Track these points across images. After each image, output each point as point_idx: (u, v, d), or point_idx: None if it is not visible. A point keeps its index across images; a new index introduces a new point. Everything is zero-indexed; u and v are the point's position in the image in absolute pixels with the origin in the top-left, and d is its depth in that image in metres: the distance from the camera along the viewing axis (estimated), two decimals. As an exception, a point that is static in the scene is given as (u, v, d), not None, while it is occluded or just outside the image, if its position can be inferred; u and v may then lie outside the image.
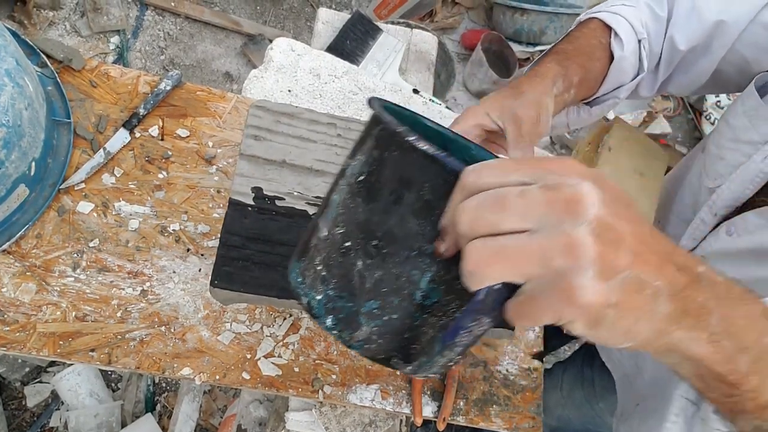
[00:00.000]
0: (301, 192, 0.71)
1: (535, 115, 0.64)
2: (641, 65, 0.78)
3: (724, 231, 0.74)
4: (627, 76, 0.78)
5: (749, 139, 0.72)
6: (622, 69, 0.76)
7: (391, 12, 2.14)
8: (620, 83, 0.78)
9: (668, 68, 0.81)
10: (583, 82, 0.73)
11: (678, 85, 0.84)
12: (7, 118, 0.66)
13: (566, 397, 1.16)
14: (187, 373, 0.73)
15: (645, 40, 0.77)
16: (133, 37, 2.06)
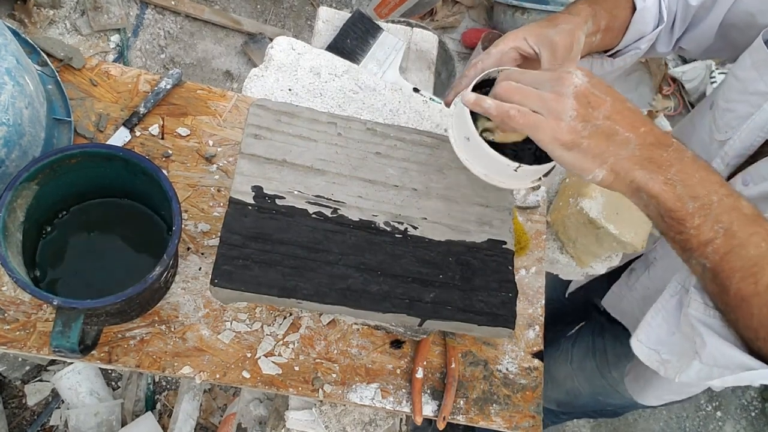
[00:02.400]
0: (302, 191, 0.71)
1: (569, 43, 0.68)
2: (661, 17, 0.81)
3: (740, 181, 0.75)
4: (648, 26, 0.81)
5: (757, 89, 0.73)
6: (643, 19, 0.80)
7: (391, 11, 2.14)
8: (641, 34, 0.81)
9: (682, 25, 0.84)
10: (608, 28, 0.78)
11: (690, 42, 0.86)
12: (8, 117, 0.66)
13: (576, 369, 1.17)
14: (187, 371, 0.73)
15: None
16: (133, 35, 2.06)
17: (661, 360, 0.60)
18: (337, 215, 0.71)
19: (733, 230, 0.51)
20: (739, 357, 0.52)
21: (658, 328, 0.60)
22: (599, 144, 0.53)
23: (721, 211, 0.51)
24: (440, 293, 0.69)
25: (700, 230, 0.51)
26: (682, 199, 0.51)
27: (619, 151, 0.52)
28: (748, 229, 0.51)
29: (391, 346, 0.80)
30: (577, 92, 0.53)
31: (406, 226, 0.72)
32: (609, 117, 0.53)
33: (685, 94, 2.51)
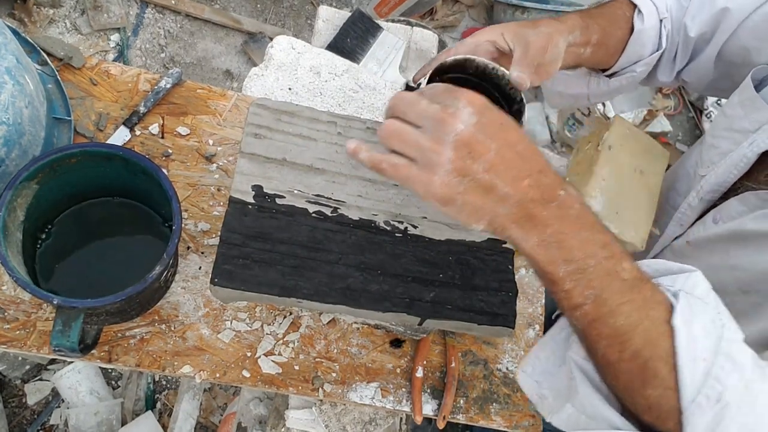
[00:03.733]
0: (302, 190, 0.71)
1: (544, 45, 0.68)
2: (660, 43, 0.81)
3: (711, 219, 0.76)
4: (645, 50, 0.81)
5: (741, 127, 0.74)
6: (641, 42, 0.79)
7: (391, 10, 2.14)
8: (639, 57, 0.81)
9: (684, 57, 0.84)
10: (601, 44, 0.77)
11: (691, 74, 0.86)
12: (8, 116, 0.66)
13: None
14: (187, 371, 0.73)
15: (666, 20, 0.80)
16: (133, 34, 2.06)
17: (540, 394, 0.57)
18: (337, 214, 0.71)
19: (604, 297, 0.48)
20: (606, 412, 0.50)
21: (545, 361, 0.57)
22: (475, 201, 0.48)
23: (595, 276, 0.49)
24: (440, 292, 0.69)
25: (571, 294, 0.49)
26: (555, 263, 0.49)
27: (496, 209, 0.49)
28: (619, 298, 0.48)
29: (391, 346, 0.80)
30: (458, 140, 0.47)
31: (406, 225, 0.72)
32: (490, 169, 0.48)
33: (684, 94, 2.50)
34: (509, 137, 0.49)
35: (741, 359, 0.47)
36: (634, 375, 0.49)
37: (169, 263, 0.64)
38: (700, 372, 0.46)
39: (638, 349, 0.48)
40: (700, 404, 0.46)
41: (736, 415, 0.46)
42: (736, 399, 0.46)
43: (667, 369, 0.47)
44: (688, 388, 0.46)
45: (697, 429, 0.46)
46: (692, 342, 0.47)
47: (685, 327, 0.47)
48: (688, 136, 2.49)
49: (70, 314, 0.60)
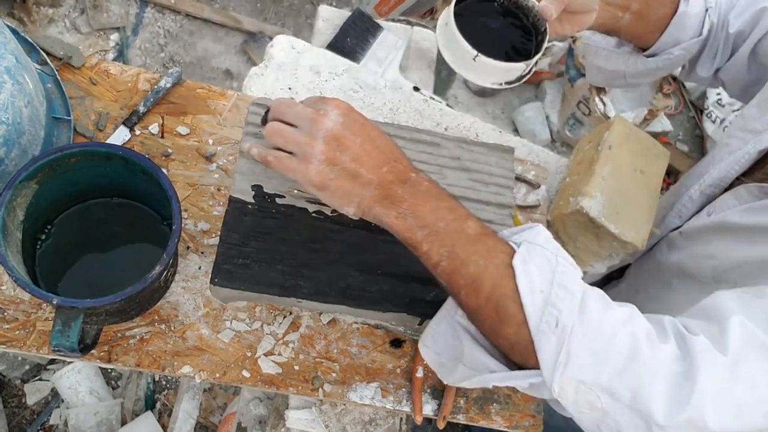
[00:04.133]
0: (301, 190, 0.71)
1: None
2: (702, 30, 0.81)
3: (705, 212, 0.78)
4: (686, 34, 0.81)
5: (753, 128, 0.75)
6: (683, 25, 0.80)
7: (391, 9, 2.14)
8: (678, 41, 0.81)
9: (724, 53, 0.85)
10: (642, 15, 0.78)
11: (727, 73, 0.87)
12: (7, 116, 0.66)
13: None
14: (187, 371, 0.73)
15: (712, 10, 0.81)
16: (133, 34, 2.06)
17: (440, 362, 0.63)
18: (336, 214, 0.71)
19: (455, 251, 0.56)
20: (485, 359, 0.57)
21: (443, 334, 0.62)
22: (344, 185, 0.58)
23: (446, 235, 0.56)
24: (440, 292, 0.69)
25: (429, 254, 0.57)
26: (412, 229, 0.57)
27: (363, 192, 0.58)
28: (468, 249, 0.56)
29: (391, 346, 0.80)
30: (328, 135, 0.58)
31: (406, 225, 0.72)
32: (355, 159, 0.58)
33: (685, 93, 2.50)
34: (370, 133, 0.59)
35: (572, 288, 0.53)
36: (493, 318, 0.55)
37: (169, 263, 0.64)
38: (539, 302, 0.52)
39: (489, 292, 0.54)
40: (543, 331, 0.51)
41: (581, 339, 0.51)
42: (574, 322, 0.51)
43: (515, 306, 0.53)
44: (532, 319, 0.52)
45: (545, 355, 0.51)
46: (530, 278, 0.53)
47: (523, 266, 0.54)
48: (688, 136, 2.49)
49: (69, 314, 0.60)
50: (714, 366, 0.49)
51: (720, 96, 2.35)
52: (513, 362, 0.56)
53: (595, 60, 0.91)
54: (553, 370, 0.51)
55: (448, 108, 0.98)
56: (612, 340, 0.51)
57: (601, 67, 0.91)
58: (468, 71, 0.72)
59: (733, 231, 0.72)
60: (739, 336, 0.50)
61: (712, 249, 0.75)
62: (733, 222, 0.72)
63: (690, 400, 0.48)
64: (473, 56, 0.68)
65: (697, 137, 2.48)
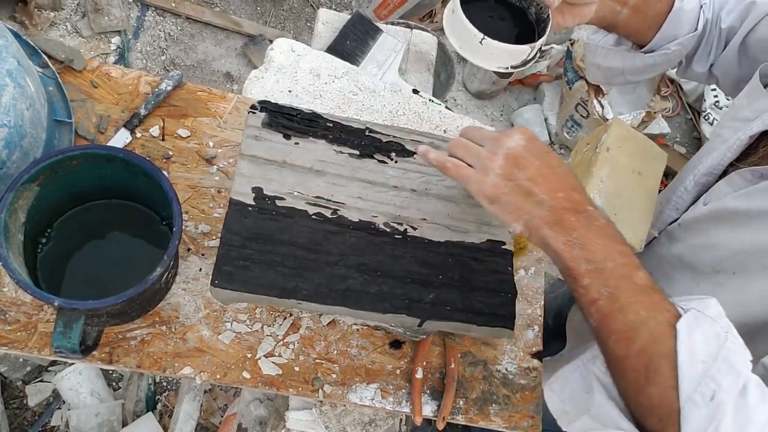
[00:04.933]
0: (302, 192, 0.71)
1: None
2: (697, 26, 0.83)
3: (702, 202, 0.79)
4: (682, 30, 0.83)
5: (744, 116, 0.77)
6: (679, 20, 0.82)
7: (390, 12, 2.14)
8: (674, 36, 0.83)
9: (718, 48, 0.87)
10: (639, 10, 0.80)
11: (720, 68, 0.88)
12: (9, 119, 0.67)
13: None
14: (187, 372, 0.74)
15: (707, 6, 0.83)
16: (134, 37, 2.07)
17: (564, 410, 0.62)
18: (336, 216, 0.71)
19: (617, 295, 0.54)
20: (615, 417, 0.54)
21: (573, 383, 0.62)
22: (516, 201, 0.58)
23: (612, 276, 0.55)
24: (440, 294, 0.69)
25: (588, 290, 0.55)
26: (577, 260, 0.56)
27: (533, 210, 0.58)
28: (631, 297, 0.54)
29: (390, 347, 0.81)
30: (509, 153, 0.59)
31: (405, 226, 0.72)
32: (531, 179, 0.58)
33: (683, 95, 2.51)
34: (550, 161, 0.60)
35: (739, 367, 0.50)
36: (639, 372, 0.52)
37: (170, 265, 0.65)
38: (697, 372, 0.49)
39: (644, 346, 0.52)
40: (695, 401, 0.48)
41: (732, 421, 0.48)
42: (731, 402, 0.48)
43: (668, 367, 0.50)
44: (685, 386, 0.49)
45: (691, 426, 0.48)
46: (693, 344, 0.50)
47: (688, 331, 0.51)
48: (686, 138, 2.49)
49: (71, 316, 0.60)
50: None
51: (717, 98, 2.35)
52: (646, 426, 0.54)
53: (595, 58, 0.93)
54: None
55: (447, 110, 0.99)
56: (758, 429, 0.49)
57: (600, 64, 0.93)
58: (474, 55, 0.74)
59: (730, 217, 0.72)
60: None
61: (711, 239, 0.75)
62: (729, 208, 0.73)
63: None
64: (480, 39, 0.71)
65: (695, 139, 2.49)
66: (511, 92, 2.40)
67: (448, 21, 0.75)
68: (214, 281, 0.65)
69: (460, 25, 0.72)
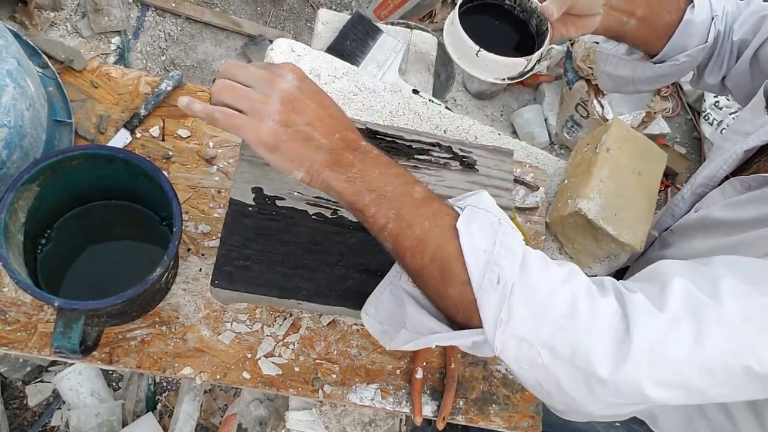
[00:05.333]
0: (301, 192, 0.71)
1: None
2: (708, 38, 0.83)
3: (694, 209, 0.80)
4: (692, 41, 0.83)
5: (745, 130, 0.77)
6: (689, 32, 0.82)
7: (390, 13, 2.15)
8: (684, 47, 0.83)
9: (730, 61, 0.87)
10: (647, 21, 0.80)
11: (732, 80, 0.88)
12: (9, 119, 0.67)
13: None
14: (187, 372, 0.74)
15: (718, 18, 0.83)
16: (134, 37, 2.07)
17: (383, 330, 0.63)
18: (336, 216, 0.71)
19: (402, 214, 0.56)
20: (428, 321, 0.57)
21: (386, 302, 0.63)
22: (297, 147, 0.57)
23: (394, 198, 0.57)
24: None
25: (376, 217, 0.57)
26: (360, 193, 0.57)
27: (314, 156, 0.57)
28: (414, 212, 0.56)
29: (390, 347, 0.81)
30: (284, 96, 0.57)
31: (405, 227, 0.72)
32: (309, 123, 0.57)
33: (683, 96, 2.51)
34: (324, 101, 0.60)
35: (514, 247, 0.54)
36: (437, 278, 0.55)
37: (170, 265, 0.65)
38: (482, 261, 0.53)
39: (434, 253, 0.55)
40: (485, 288, 0.52)
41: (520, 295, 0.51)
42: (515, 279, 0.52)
43: (459, 265, 0.53)
44: (475, 277, 0.53)
45: (487, 311, 0.52)
46: (473, 238, 0.54)
47: (467, 227, 0.54)
48: (686, 138, 2.49)
49: (71, 316, 0.60)
50: (651, 322, 0.50)
51: (717, 98, 2.35)
52: (457, 324, 0.56)
53: (606, 66, 0.93)
54: (495, 326, 0.51)
55: (447, 110, 0.99)
56: (552, 296, 0.52)
57: (611, 73, 0.93)
58: (472, 67, 0.74)
59: (714, 225, 0.74)
60: (680, 296, 0.51)
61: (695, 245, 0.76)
62: (714, 217, 0.74)
63: (628, 355, 0.49)
64: (476, 51, 0.72)
65: (695, 139, 2.49)
66: (511, 92, 2.40)
67: (448, 32, 0.76)
68: (214, 281, 0.65)
69: (458, 36, 0.73)
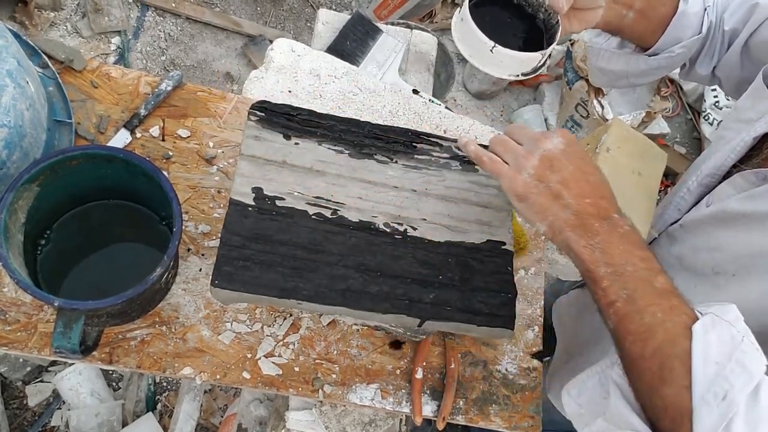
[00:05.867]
0: (302, 192, 0.71)
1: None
2: (701, 29, 0.83)
3: (704, 203, 0.79)
4: (686, 32, 0.83)
5: (747, 117, 0.76)
6: (682, 24, 0.82)
7: (390, 13, 2.15)
8: (678, 39, 0.83)
9: (721, 51, 0.87)
10: (644, 14, 0.81)
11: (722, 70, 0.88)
12: (9, 119, 0.67)
13: None
14: (187, 372, 0.74)
15: (711, 9, 0.83)
16: (134, 37, 2.07)
17: (580, 413, 0.63)
18: (336, 216, 0.71)
19: (635, 297, 0.55)
20: (629, 418, 0.55)
21: (591, 389, 0.62)
22: (544, 202, 0.60)
23: (630, 279, 0.56)
24: (440, 294, 0.69)
25: (607, 292, 0.57)
26: (597, 263, 0.57)
27: (558, 213, 0.60)
28: (649, 300, 0.55)
29: (390, 347, 0.81)
30: (545, 155, 0.61)
31: (405, 227, 0.72)
32: (562, 182, 0.60)
33: (683, 96, 2.51)
34: (585, 167, 0.62)
35: (752, 369, 0.50)
36: (654, 373, 0.53)
37: (170, 265, 0.65)
38: (711, 372, 0.50)
39: (659, 346, 0.52)
40: (707, 401, 0.49)
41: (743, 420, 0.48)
42: (743, 401, 0.48)
43: (682, 368, 0.51)
44: (698, 386, 0.49)
45: (702, 426, 0.49)
46: (708, 345, 0.51)
47: (704, 332, 0.51)
48: (686, 138, 2.49)
49: (71, 316, 0.60)
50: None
51: (717, 98, 2.35)
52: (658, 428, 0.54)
53: (598, 62, 0.93)
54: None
55: (447, 110, 0.99)
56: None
57: (604, 68, 0.93)
58: (485, 64, 0.73)
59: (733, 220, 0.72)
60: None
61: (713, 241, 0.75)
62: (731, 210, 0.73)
63: None
64: (490, 47, 0.70)
65: (695, 139, 2.49)
66: (511, 92, 2.40)
67: (457, 29, 0.74)
68: (214, 281, 0.65)
69: (470, 33, 0.71)
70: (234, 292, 0.66)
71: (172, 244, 0.64)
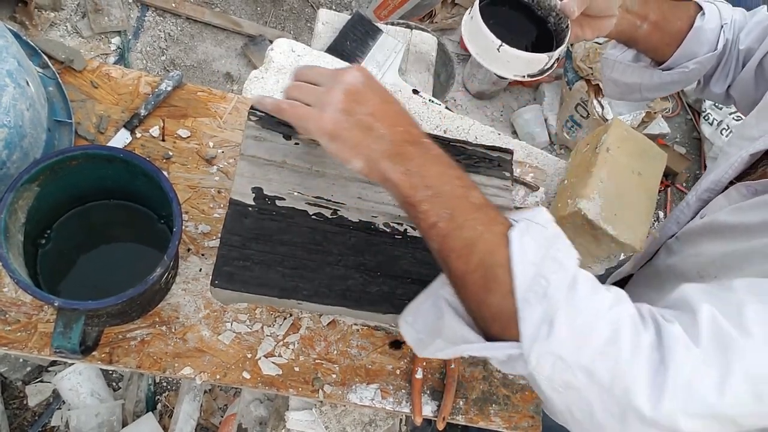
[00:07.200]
0: (302, 192, 0.71)
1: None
2: (717, 45, 0.83)
3: (699, 216, 0.80)
4: (701, 48, 0.83)
5: (750, 135, 0.76)
6: (699, 39, 0.82)
7: (390, 13, 2.15)
8: (694, 54, 0.84)
9: (736, 70, 0.87)
10: (659, 27, 0.81)
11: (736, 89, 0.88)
12: (9, 119, 0.67)
13: None
14: (187, 372, 0.74)
15: (727, 26, 0.83)
16: (134, 37, 2.07)
17: (418, 338, 0.62)
18: (336, 216, 0.71)
19: (455, 215, 0.56)
20: (463, 332, 0.56)
21: (426, 312, 0.62)
22: (357, 136, 0.58)
23: (449, 198, 0.56)
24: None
25: (428, 214, 0.56)
26: (416, 187, 0.57)
27: (373, 145, 0.58)
28: (468, 215, 0.56)
29: (390, 347, 0.81)
30: (347, 88, 0.59)
31: (405, 227, 0.73)
32: (371, 114, 0.58)
33: (683, 96, 2.51)
34: (388, 98, 0.61)
35: (566, 263, 0.52)
36: (480, 284, 0.54)
37: (170, 265, 0.65)
38: (530, 273, 0.51)
39: (481, 258, 0.54)
40: (529, 300, 0.50)
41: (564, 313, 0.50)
42: (561, 296, 0.50)
43: (504, 274, 0.52)
44: (519, 287, 0.51)
45: (527, 324, 0.50)
46: (524, 249, 0.52)
47: (520, 237, 0.53)
48: (685, 138, 2.49)
49: (71, 316, 0.60)
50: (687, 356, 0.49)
51: (718, 98, 2.35)
52: (490, 336, 0.56)
53: (612, 73, 0.93)
54: (533, 341, 0.50)
55: (447, 110, 0.99)
56: (597, 320, 0.50)
57: (617, 80, 0.93)
58: (492, 63, 0.73)
59: (720, 230, 0.74)
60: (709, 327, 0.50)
61: (700, 248, 0.76)
62: (720, 222, 0.74)
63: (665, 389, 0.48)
64: (497, 46, 0.71)
65: (695, 139, 2.49)
66: (511, 92, 2.40)
67: (467, 27, 0.75)
68: (214, 281, 0.65)
69: (479, 31, 0.72)
70: (234, 292, 0.66)
71: (172, 244, 0.64)
